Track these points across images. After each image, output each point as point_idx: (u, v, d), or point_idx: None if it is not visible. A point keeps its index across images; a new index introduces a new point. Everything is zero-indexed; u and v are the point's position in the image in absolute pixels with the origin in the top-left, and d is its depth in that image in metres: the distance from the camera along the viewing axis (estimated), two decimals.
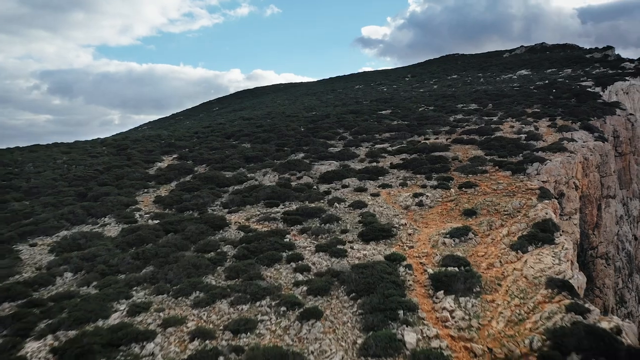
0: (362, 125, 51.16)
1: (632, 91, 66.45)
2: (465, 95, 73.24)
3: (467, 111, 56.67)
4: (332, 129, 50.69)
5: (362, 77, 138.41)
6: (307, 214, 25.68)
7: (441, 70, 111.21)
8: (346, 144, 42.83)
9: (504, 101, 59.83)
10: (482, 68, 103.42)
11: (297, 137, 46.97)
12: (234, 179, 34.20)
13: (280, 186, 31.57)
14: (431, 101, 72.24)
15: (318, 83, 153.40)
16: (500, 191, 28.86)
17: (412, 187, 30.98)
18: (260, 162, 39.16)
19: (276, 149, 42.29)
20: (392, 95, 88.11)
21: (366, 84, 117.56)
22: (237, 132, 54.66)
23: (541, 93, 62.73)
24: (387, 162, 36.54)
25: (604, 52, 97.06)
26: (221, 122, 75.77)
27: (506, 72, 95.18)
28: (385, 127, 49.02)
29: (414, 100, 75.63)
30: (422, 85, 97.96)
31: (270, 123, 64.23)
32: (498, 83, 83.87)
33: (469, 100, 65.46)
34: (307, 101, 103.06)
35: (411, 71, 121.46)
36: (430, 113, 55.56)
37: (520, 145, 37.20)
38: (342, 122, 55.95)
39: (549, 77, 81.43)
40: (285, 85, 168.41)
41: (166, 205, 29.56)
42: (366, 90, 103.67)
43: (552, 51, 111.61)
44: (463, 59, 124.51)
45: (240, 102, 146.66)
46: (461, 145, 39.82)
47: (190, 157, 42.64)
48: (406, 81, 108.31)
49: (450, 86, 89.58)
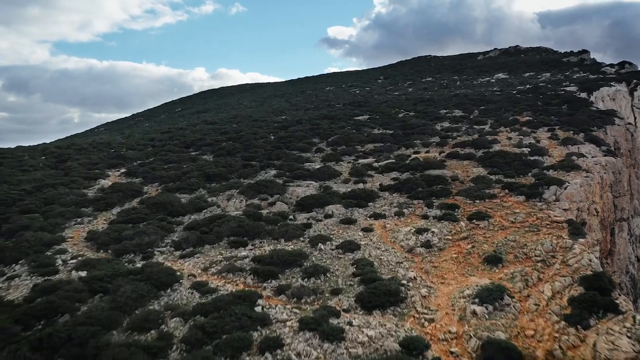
0: (340, 134, 45.13)
1: (619, 97, 62.72)
2: (445, 99, 68.27)
3: (453, 118, 51.40)
4: (307, 138, 44.45)
5: (332, 78, 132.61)
6: (284, 262, 19.40)
7: (414, 72, 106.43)
8: (325, 157, 36.66)
9: (490, 107, 54.89)
10: (457, 70, 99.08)
11: (267, 149, 40.53)
12: (191, 206, 27.56)
13: (248, 216, 25.16)
14: (410, 106, 66.97)
15: (286, 84, 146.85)
16: (521, 225, 23.28)
17: (410, 217, 25.08)
18: (224, 180, 32.60)
19: (243, 163, 35.75)
20: (365, 98, 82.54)
21: (337, 85, 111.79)
22: (198, 141, 47.77)
23: (528, 99, 58.11)
24: (376, 182, 30.56)
25: (580, 55, 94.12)
26: (182, 127, 68.45)
27: (482, 75, 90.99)
28: (366, 136, 43.12)
29: (391, 104, 70.21)
30: (396, 87, 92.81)
31: (236, 129, 57.50)
32: (476, 87, 79.37)
33: (451, 106, 60.35)
34: (275, 103, 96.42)
35: (383, 73, 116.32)
36: (413, 120, 50.01)
37: (526, 162, 31.86)
38: (317, 129, 49.81)
39: (528, 81, 77.41)
40: (251, 86, 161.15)
41: (101, 244, 22.71)
42: (338, 93, 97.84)
43: (526, 54, 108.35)
44: (436, 60, 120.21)
45: (205, 102, 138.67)
46: (458, 161, 34.25)
47: (141, 172, 35.63)
48: (379, 83, 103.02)
49: (426, 89, 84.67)
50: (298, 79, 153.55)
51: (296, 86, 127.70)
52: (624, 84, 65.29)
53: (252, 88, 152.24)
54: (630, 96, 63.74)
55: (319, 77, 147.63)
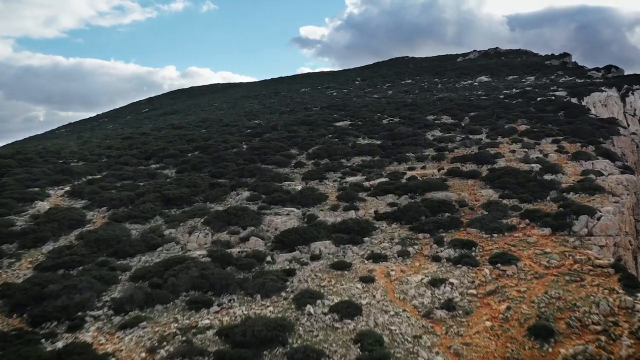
0: (321, 144, 39.87)
1: (610, 103, 59.28)
2: (429, 104, 63.79)
3: (444, 126, 46.76)
4: (284, 149, 38.99)
5: (307, 79, 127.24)
6: (260, 340, 14.01)
7: (393, 74, 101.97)
8: (306, 174, 31.29)
9: (482, 114, 50.49)
10: (437, 73, 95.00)
11: (238, 162, 34.94)
12: (143, 242, 21.84)
13: (214, 259, 19.66)
14: (392, 110, 62.23)
15: (259, 84, 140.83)
16: (558, 271, 18.42)
17: (418, 258, 19.99)
18: (186, 204, 26.93)
19: (210, 182, 30.06)
20: (344, 100, 77.54)
21: (312, 86, 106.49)
22: (161, 151, 41.77)
23: (519, 105, 53.99)
24: (370, 208, 25.36)
25: (562, 59, 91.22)
26: (145, 132, 62.06)
27: (464, 77, 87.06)
28: (352, 148, 37.96)
29: (372, 108, 65.34)
30: (375, 90, 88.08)
31: (204, 135, 51.62)
32: (460, 90, 75.24)
33: (438, 111, 55.79)
34: (248, 105, 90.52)
35: (360, 74, 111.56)
36: (401, 129, 45.09)
37: (541, 182, 27.17)
38: (294, 137, 44.41)
39: (513, 84, 73.68)
40: (223, 86, 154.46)
41: (15, 304, 16.87)
42: (314, 94, 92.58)
43: (507, 56, 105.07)
44: (414, 62, 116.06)
45: (173, 103, 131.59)
46: (461, 179, 29.38)
47: (88, 193, 29.59)
48: (356, 85, 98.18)
49: (407, 92, 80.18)
50: (272, 79, 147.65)
51: (270, 87, 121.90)
52: (614, 89, 61.94)
53: (224, 88, 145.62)
54: (622, 102, 60.41)
55: (293, 78, 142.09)
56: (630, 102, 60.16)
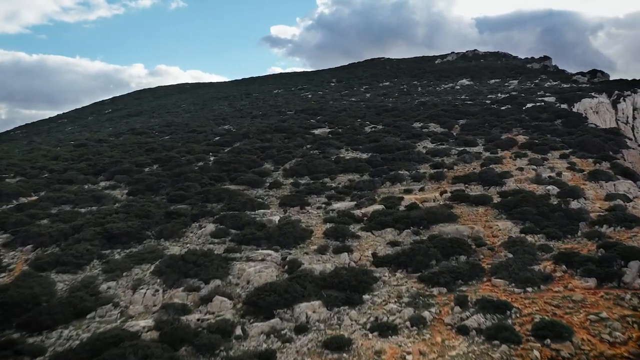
0: (300, 157, 34.60)
1: (602, 110, 55.88)
2: (412, 109, 59.27)
3: (434, 136, 42.13)
4: (257, 164, 33.53)
5: (279, 80, 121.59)
6: None
7: (369, 76, 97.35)
8: (284, 199, 25.92)
9: (472, 122, 46.09)
10: (416, 75, 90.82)
11: (203, 182, 29.31)
12: (69, 306, 16.12)
13: (164, 337, 14.19)
14: (373, 116, 57.45)
15: (230, 84, 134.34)
16: (625, 349, 13.76)
17: (438, 329, 14.93)
18: (135, 241, 21.27)
19: (167, 211, 24.37)
20: (320, 104, 72.42)
21: (285, 87, 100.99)
22: (114, 164, 35.71)
23: (510, 111, 49.88)
24: (366, 248, 20.22)
25: (542, 62, 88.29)
26: (102, 138, 55.52)
27: (444, 80, 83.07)
28: (335, 163, 32.80)
29: (351, 113, 60.41)
30: (352, 92, 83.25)
31: (166, 144, 45.67)
32: (441, 94, 71.07)
33: (424, 118, 51.23)
34: (217, 107, 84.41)
35: (335, 75, 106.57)
36: (388, 139, 40.17)
37: (568, 212, 22.48)
38: (268, 148, 38.98)
39: (497, 88, 69.93)
40: (192, 85, 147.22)
41: None
42: (287, 97, 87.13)
43: (486, 59, 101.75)
44: (391, 63, 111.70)
45: (139, 103, 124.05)
46: (469, 206, 24.55)
47: (13, 224, 23.51)
48: (332, 87, 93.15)
49: (386, 95, 75.60)
50: (243, 80, 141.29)
51: (240, 87, 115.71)
52: (604, 95, 58.62)
53: (193, 88, 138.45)
54: (614, 109, 57.09)
55: (265, 78, 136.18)
56: (622, 109, 56.90)
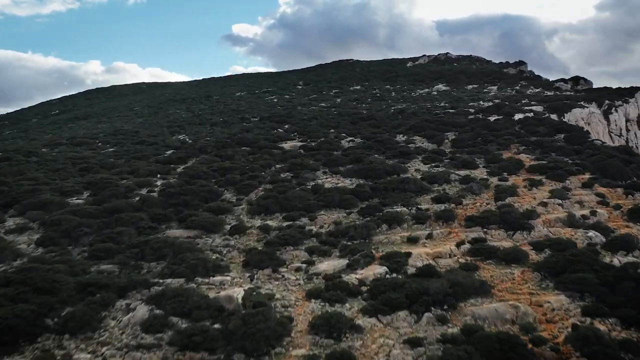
0: (269, 186, 27.63)
1: (594, 121, 51.23)
2: (390, 117, 53.10)
3: (424, 153, 35.90)
4: (214, 194, 26.26)
5: (242, 81, 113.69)
6: None
7: (339, 79, 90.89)
8: (250, 258, 18.79)
9: (464, 137, 40.14)
10: (388, 79, 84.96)
11: (141, 226, 21.86)
12: None
13: None
14: (348, 125, 50.99)
15: (189, 85, 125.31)
16: None
17: None
18: (25, 341, 13.84)
19: (81, 280, 16.89)
20: (287, 110, 65.44)
21: (249, 90, 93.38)
22: (31, 194, 27.68)
23: (504, 124, 44.24)
24: (375, 355, 13.50)
25: (518, 67, 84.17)
26: (33, 150, 46.71)
27: (418, 84, 77.51)
28: (313, 193, 25.96)
29: (323, 122, 53.72)
30: (321, 96, 76.58)
31: (106, 162, 37.71)
32: (418, 100, 65.30)
33: (407, 130, 45.07)
34: (173, 112, 76.06)
35: (302, 77, 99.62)
36: (373, 159, 33.65)
37: (637, 279, 16.56)
38: (229, 170, 31.78)
39: (477, 95, 64.73)
40: (149, 85, 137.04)
41: None
42: (251, 100, 79.65)
43: (459, 63, 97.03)
44: (360, 65, 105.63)
45: (89, 104, 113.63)
46: (498, 265, 18.10)
47: None
48: (299, 90, 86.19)
49: (358, 100, 69.30)
50: (203, 80, 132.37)
51: (201, 89, 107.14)
52: (594, 105, 54.09)
53: (149, 88, 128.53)
54: (606, 120, 52.53)
55: (228, 79, 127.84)
56: (615, 120, 52.41)
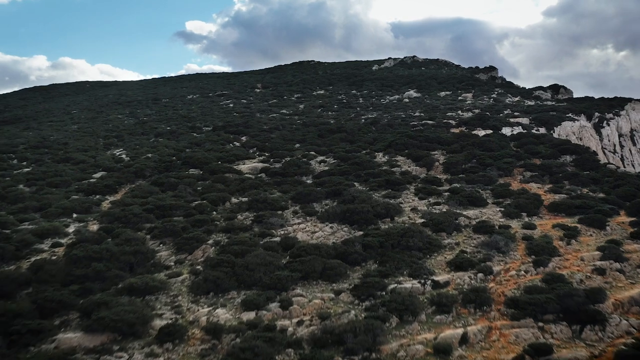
0: (220, 235, 20.04)
1: (586, 136, 46.20)
2: (362, 129, 46.31)
3: (414, 182, 29.13)
4: (144, 258, 18.31)
5: (195, 81, 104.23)
6: None
7: (300, 82, 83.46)
8: None
9: (457, 159, 33.69)
10: (354, 83, 78.25)
11: (14, 329, 13.87)
12: None
13: None
14: (316, 139, 43.84)
15: (137, 85, 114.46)
16: None
17: None
18: None
19: None
20: (245, 117, 57.51)
21: (202, 92, 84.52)
22: None
23: (495, 141, 38.12)
24: None
25: (489, 73, 79.40)
26: None
27: (387, 90, 71.17)
28: (284, 252, 18.52)
29: (287, 134, 46.29)
30: (281, 102, 68.96)
31: (12, 191, 28.91)
32: (389, 108, 58.83)
33: (385, 147, 38.31)
34: (114, 117, 66.39)
35: (261, 79, 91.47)
36: (355, 193, 26.48)
37: None
38: (168, 208, 23.90)
39: (452, 103, 58.91)
40: (92, 85, 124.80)
41: None
42: (204, 105, 71.08)
43: (427, 67, 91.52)
44: (323, 68, 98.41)
45: (23, 105, 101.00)
46: None
47: None
48: (257, 94, 78.21)
49: (323, 108, 62.15)
50: (153, 80, 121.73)
51: (149, 89, 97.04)
52: (583, 117, 49.17)
53: (93, 88, 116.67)
54: (598, 135, 47.59)
55: (180, 79, 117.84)
56: (608, 135, 47.52)
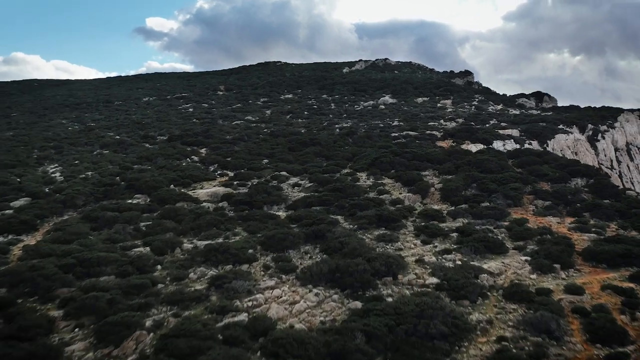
0: (168, 317, 14.05)
1: (582, 151, 42.07)
2: (337, 141, 40.82)
3: (410, 217, 23.70)
4: (44, 342, 12.08)
5: (153, 82, 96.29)
6: None
7: (267, 85, 77.25)
8: None
9: (454, 183, 28.56)
10: (324, 87, 72.66)
11: None
12: None
13: None
14: (285, 153, 38.13)
15: (90, 84, 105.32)
16: None
17: None
18: None
19: None
20: (205, 124, 51.10)
21: (160, 94, 77.14)
22: None
23: (492, 160, 33.23)
24: None
25: (465, 77, 75.38)
26: None
27: (360, 95, 65.91)
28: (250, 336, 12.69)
29: (252, 147, 40.26)
30: (246, 106, 62.65)
31: None
32: (365, 116, 53.54)
33: (369, 167, 32.90)
34: (58, 122, 58.43)
35: (224, 81, 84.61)
36: (346, 241, 20.82)
37: None
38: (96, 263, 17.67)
39: (432, 111, 54.12)
40: (42, 83, 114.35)
41: None
42: (161, 109, 63.98)
43: (399, 70, 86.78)
44: (290, 69, 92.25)
45: None
46: None
47: None
48: (220, 97, 71.53)
49: (292, 114, 56.32)
50: (107, 79, 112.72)
51: (101, 90, 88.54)
52: (575, 129, 45.15)
53: (41, 87, 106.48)
54: (593, 148, 43.56)
55: (137, 79, 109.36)
56: (604, 149, 43.52)
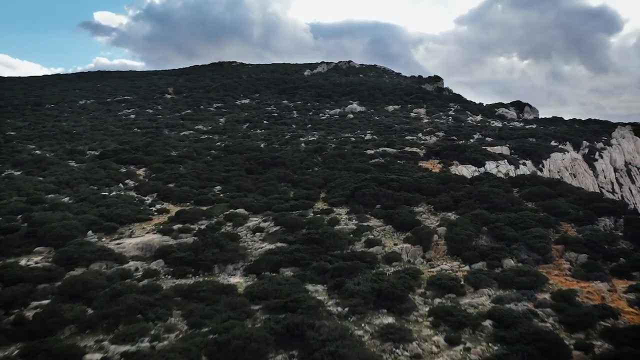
0: None
1: (580, 172, 36.97)
2: (303, 161, 33.99)
3: (421, 289, 17.08)
4: None
5: (94, 81, 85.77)
6: None
7: (221, 87, 69.14)
8: None
9: (459, 229, 22.18)
10: (285, 91, 65.40)
11: None
12: None
13: None
14: (242, 176, 30.96)
15: (22, 83, 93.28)
16: None
17: None
18: None
19: None
20: (148, 135, 42.83)
21: (98, 97, 67.50)
22: None
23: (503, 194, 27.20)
24: None
25: (435, 83, 70.09)
26: None
27: (325, 101, 59.14)
28: None
29: (202, 168, 32.75)
30: (197, 113, 54.57)
31: None
32: (333, 127, 46.80)
33: (350, 200, 26.19)
34: None
35: (173, 82, 75.65)
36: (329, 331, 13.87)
37: None
38: None
39: (408, 122, 48.05)
40: None
41: None
42: (98, 115, 54.83)
43: (364, 74, 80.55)
44: (247, 70, 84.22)
45: None
46: None
47: None
48: (168, 101, 62.92)
49: (250, 124, 48.85)
50: (42, 77, 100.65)
51: (32, 91, 77.51)
52: (569, 146, 40.13)
53: None
54: (591, 169, 38.57)
55: (77, 77, 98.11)
56: (603, 170, 38.60)
